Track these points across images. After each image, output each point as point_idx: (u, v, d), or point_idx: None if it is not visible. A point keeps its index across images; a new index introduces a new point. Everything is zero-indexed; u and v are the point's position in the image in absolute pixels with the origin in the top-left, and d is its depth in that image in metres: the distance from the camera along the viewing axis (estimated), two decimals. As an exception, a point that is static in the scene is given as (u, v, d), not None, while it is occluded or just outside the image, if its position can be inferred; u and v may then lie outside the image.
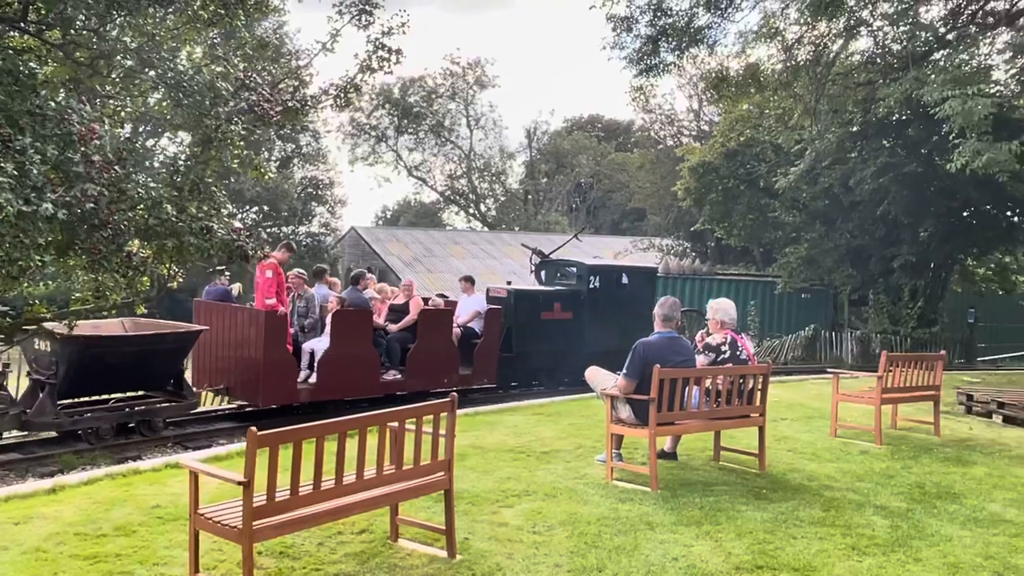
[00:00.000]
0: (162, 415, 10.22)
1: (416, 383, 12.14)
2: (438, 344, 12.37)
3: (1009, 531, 5.85)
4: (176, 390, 10.44)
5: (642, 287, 15.50)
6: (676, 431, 7.15)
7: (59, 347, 9.19)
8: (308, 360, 11.27)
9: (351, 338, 11.24)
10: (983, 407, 11.08)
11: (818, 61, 17.06)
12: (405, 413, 4.74)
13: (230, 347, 11.04)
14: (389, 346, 12.03)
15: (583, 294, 14.90)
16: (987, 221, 21.73)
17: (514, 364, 13.98)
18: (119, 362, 9.63)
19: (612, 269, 16.02)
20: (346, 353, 11.22)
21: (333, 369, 11.15)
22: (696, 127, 40.20)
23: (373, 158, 52.05)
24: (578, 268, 15.51)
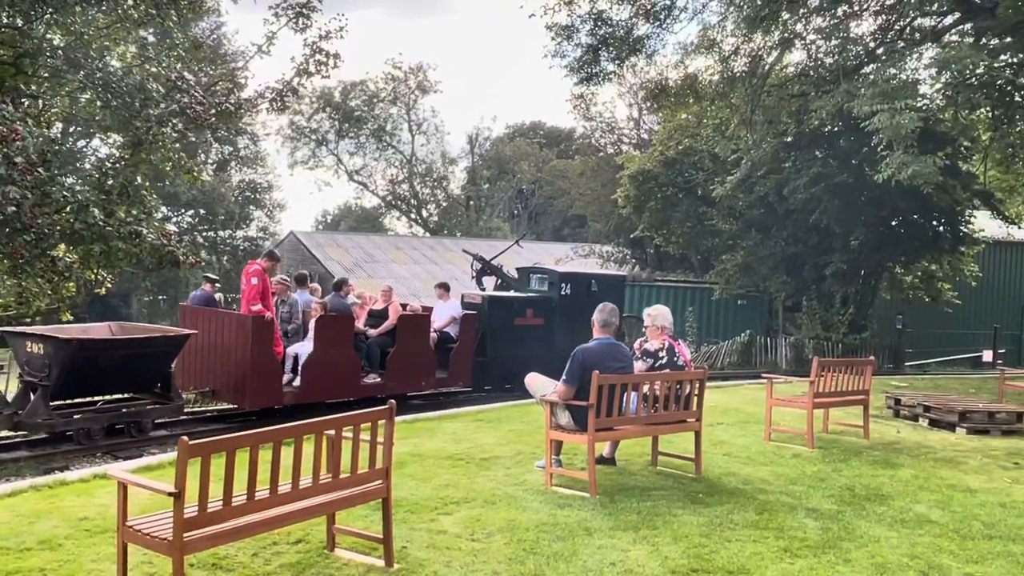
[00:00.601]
0: (151, 416, 10.46)
1: (395, 386, 12.45)
2: (416, 348, 12.75)
3: (933, 531, 6.03)
4: (164, 392, 10.67)
5: (611, 294, 15.80)
6: (615, 436, 7.21)
7: (52, 350, 9.48)
8: (292, 364, 11.59)
9: (334, 342, 11.62)
10: (910, 411, 11.42)
11: (754, 73, 17.46)
12: (342, 421, 4.69)
13: (217, 351, 11.33)
14: (369, 350, 12.39)
15: (555, 301, 15.35)
16: (914, 230, 22.47)
17: (488, 368, 14.27)
18: (110, 365, 9.89)
19: (582, 277, 16.56)
20: (329, 357, 11.57)
21: (316, 372, 11.49)
22: (636, 135, 40.74)
23: (313, 162, 51.56)
24: (550, 276, 16.07)
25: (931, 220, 22.35)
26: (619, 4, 17.02)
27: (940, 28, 16.40)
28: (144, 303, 32.31)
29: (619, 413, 6.79)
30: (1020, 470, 8.46)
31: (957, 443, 9.80)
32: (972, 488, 7.48)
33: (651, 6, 16.93)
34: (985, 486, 7.60)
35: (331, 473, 4.65)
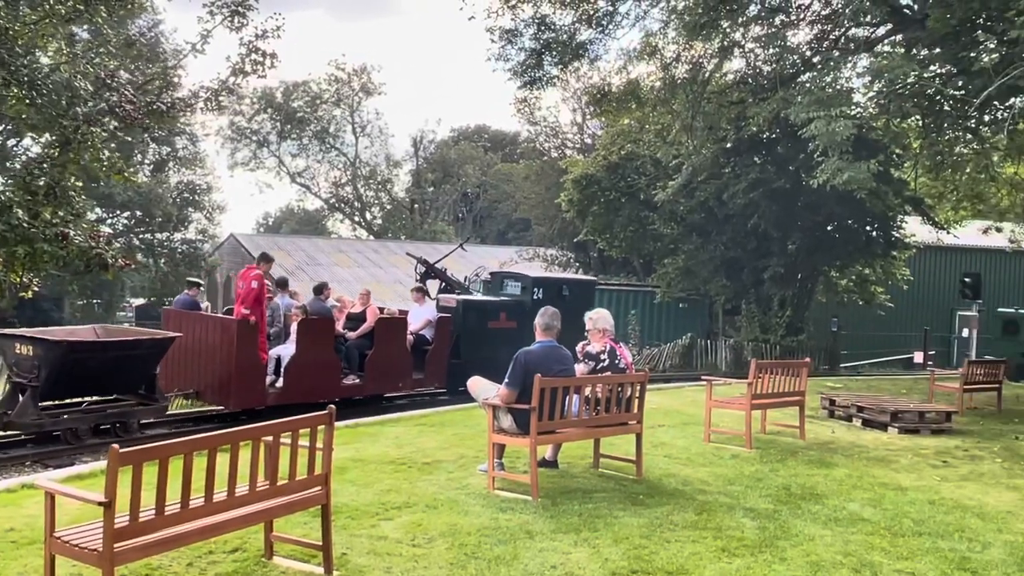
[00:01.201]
0: (136, 417, 10.69)
1: (374, 387, 12.97)
2: (393, 350, 13.11)
3: (866, 529, 6.19)
4: (148, 393, 10.86)
5: (582, 298, 16.34)
6: (557, 439, 7.24)
7: (42, 351, 9.71)
8: (274, 366, 11.92)
9: (315, 345, 11.99)
10: (844, 411, 11.70)
11: (694, 80, 17.70)
12: (280, 427, 4.62)
13: (201, 353, 11.62)
14: (349, 352, 12.74)
15: (527, 304, 15.56)
16: (848, 235, 23.06)
17: (463, 369, 14.26)
18: (97, 366, 10.12)
19: (554, 281, 17.14)
20: (310, 359, 11.93)
21: (298, 374, 11.85)
22: (580, 140, 40.98)
23: (254, 163, 50.79)
24: (523, 280, 16.63)
25: (865, 225, 22.99)
26: (562, 9, 17.12)
27: (873, 39, 16.84)
28: (77, 307, 31.38)
29: (561, 416, 6.82)
30: (949, 468, 8.73)
31: (889, 442, 10.07)
32: (903, 486, 7.69)
33: (594, 12, 17.06)
34: (915, 484, 7.83)
35: (269, 480, 4.58)
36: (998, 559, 5.63)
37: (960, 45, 13.37)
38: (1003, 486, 7.99)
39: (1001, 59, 12.51)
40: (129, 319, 31.85)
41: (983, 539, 6.09)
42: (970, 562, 5.52)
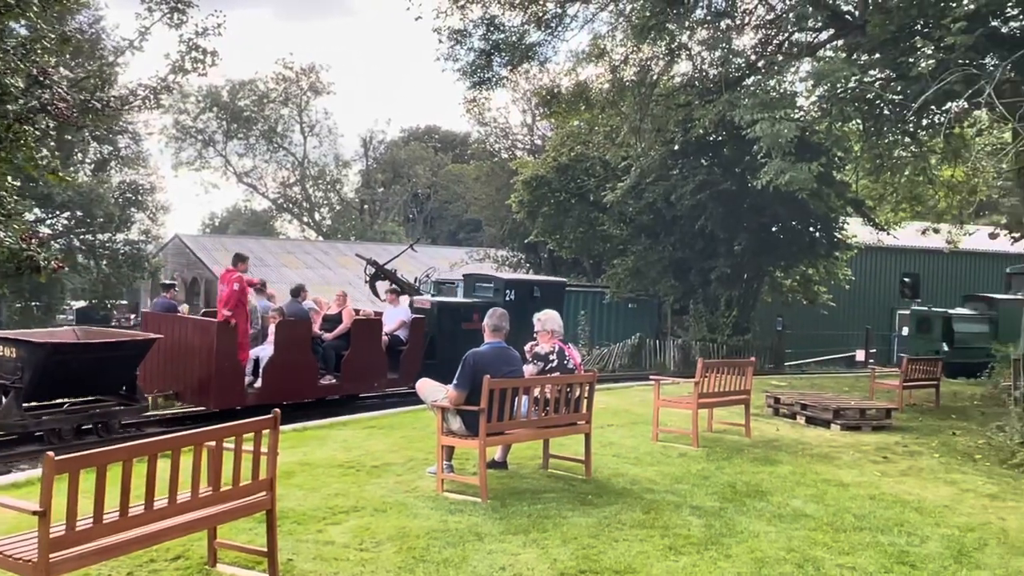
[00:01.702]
0: (118, 417, 10.87)
1: (350, 387, 13.27)
2: (369, 351, 13.37)
3: (809, 525, 6.31)
4: (129, 394, 11.05)
5: (552, 299, 16.81)
6: (506, 440, 7.24)
7: (25, 353, 9.89)
8: (253, 366, 12.16)
9: (292, 346, 12.27)
10: (789, 409, 11.92)
11: (642, 82, 17.87)
12: (223, 432, 4.53)
13: (180, 355, 11.88)
14: (325, 353, 13.00)
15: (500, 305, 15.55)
16: (793, 236, 23.52)
17: (437, 369, 14.46)
18: (80, 368, 10.29)
19: (526, 283, 17.59)
20: (288, 360, 12.20)
21: (277, 375, 12.11)
22: (530, 141, 41.10)
23: (200, 163, 49.98)
24: (495, 282, 17.08)
25: (808, 226, 23.48)
26: (511, 10, 17.15)
27: (816, 43, 17.18)
28: (16, 310, 30.45)
29: (510, 417, 6.82)
30: (889, 464, 8.95)
31: (831, 439, 10.28)
32: (845, 482, 7.86)
33: (543, 14, 17.12)
34: (856, 480, 8.01)
35: (212, 486, 4.50)
36: (935, 552, 5.78)
37: (899, 51, 13.71)
38: (940, 481, 8.22)
39: (938, 65, 12.85)
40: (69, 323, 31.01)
41: (921, 533, 6.25)
42: (909, 556, 5.66)
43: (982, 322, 21.71)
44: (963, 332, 21.09)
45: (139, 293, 36.20)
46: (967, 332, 21.16)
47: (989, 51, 13.13)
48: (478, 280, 17.77)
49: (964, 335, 21.02)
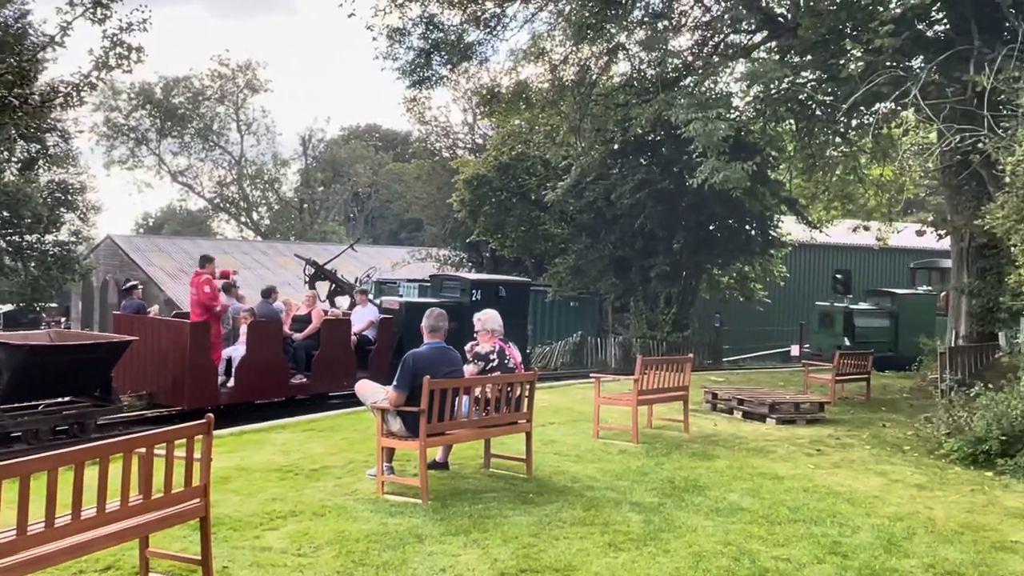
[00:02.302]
0: (93, 418, 10.98)
1: (320, 386, 13.46)
2: (338, 350, 13.65)
3: (745, 519, 6.42)
4: (104, 395, 11.20)
5: (517, 298, 17.69)
6: (447, 441, 7.21)
7: (3, 355, 10.03)
8: (225, 366, 12.41)
9: (264, 346, 12.58)
10: (726, 404, 12.12)
11: (582, 82, 18.00)
12: (154, 438, 4.42)
13: (153, 356, 12.08)
14: (296, 353, 13.29)
15: (466, 305, 16.58)
16: (729, 234, 23.97)
17: None
18: (57, 370, 10.45)
19: (491, 283, 18.16)
20: (260, 360, 12.51)
21: (249, 374, 12.39)
22: (471, 140, 41.04)
23: (132, 162, 48.69)
24: (461, 283, 17.77)
25: (744, 224, 23.95)
26: (450, 9, 17.09)
27: (750, 45, 17.51)
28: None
29: (451, 417, 6.80)
30: (822, 456, 9.17)
31: (767, 433, 10.50)
32: (780, 475, 8.03)
33: (481, 13, 17.11)
34: (791, 473, 8.18)
35: (143, 494, 4.38)
36: (866, 542, 5.94)
37: (829, 53, 14.07)
38: (871, 472, 8.45)
39: (866, 67, 13.21)
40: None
41: (853, 523, 6.41)
42: (841, 546, 5.81)
43: (883, 316, 22.23)
44: (864, 327, 21.58)
45: (70, 296, 35.13)
46: (868, 327, 21.66)
47: (915, 54, 13.57)
48: (445, 280, 18.44)
49: (865, 329, 21.50)
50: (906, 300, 22.62)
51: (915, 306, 22.58)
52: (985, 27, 12.62)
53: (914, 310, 22.43)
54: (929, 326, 22.31)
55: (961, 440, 9.12)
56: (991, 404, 9.06)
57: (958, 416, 9.55)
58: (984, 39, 12.30)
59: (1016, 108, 9.81)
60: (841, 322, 21.50)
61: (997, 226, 9.64)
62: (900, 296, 22.79)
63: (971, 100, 11.57)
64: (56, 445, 9.74)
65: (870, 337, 21.03)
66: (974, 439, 8.95)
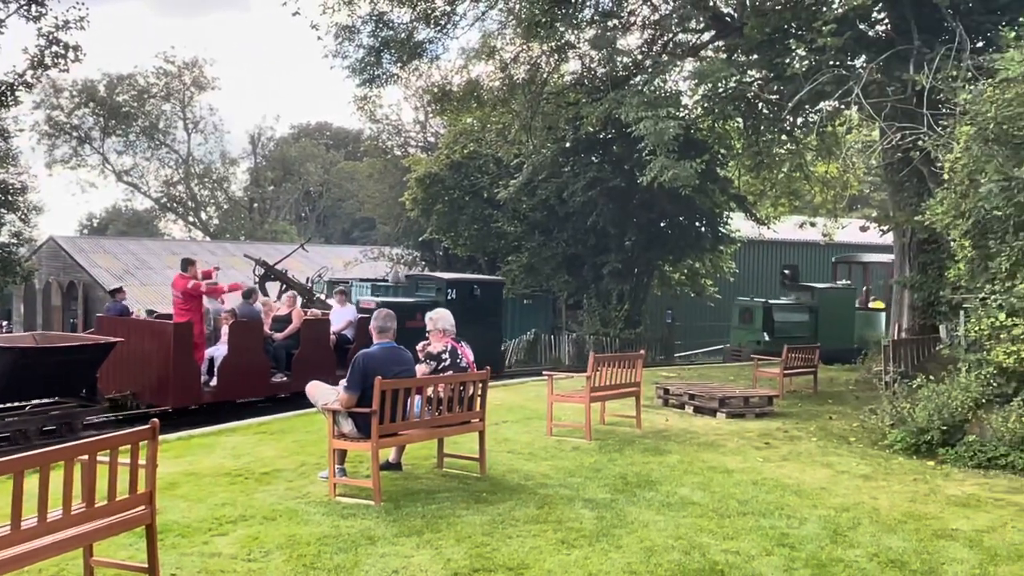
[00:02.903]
0: (80, 418, 11.25)
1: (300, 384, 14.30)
2: (318, 350, 13.81)
3: (695, 512, 6.51)
4: (89, 396, 11.47)
5: (491, 297, 18.19)
6: (399, 442, 7.18)
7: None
8: (207, 366, 12.67)
9: (245, 346, 12.80)
10: (677, 399, 12.26)
11: (533, 80, 18.06)
12: (96, 445, 4.33)
13: (137, 357, 12.28)
14: (276, 352, 13.50)
15: (441, 304, 16.87)
16: (680, 231, 24.25)
17: None
18: (45, 371, 10.70)
19: (466, 282, 18.54)
20: (241, 359, 12.73)
21: (230, 373, 12.63)
22: (423, 138, 40.86)
23: (75, 161, 47.43)
24: (437, 282, 18.14)
25: (694, 221, 24.26)
26: (400, 7, 17.00)
27: (698, 44, 17.74)
28: None
29: (403, 417, 6.77)
30: (770, 449, 9.33)
31: (718, 427, 10.65)
32: (730, 469, 8.15)
33: (431, 11, 17.05)
34: (740, 466, 8.31)
35: (86, 502, 4.29)
36: (813, 533, 6.06)
37: (775, 52, 14.31)
38: (818, 464, 8.62)
39: (810, 66, 13.48)
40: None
41: (800, 515, 6.54)
42: (788, 538, 5.91)
43: (803, 311, 22.09)
44: (783, 321, 21.45)
45: (11, 299, 34.17)
46: (788, 321, 21.57)
47: (857, 53, 13.87)
48: (421, 280, 18.94)
49: (784, 324, 21.35)
50: (826, 294, 22.52)
51: (835, 300, 22.50)
52: (924, 27, 12.95)
53: (834, 304, 22.33)
54: (848, 321, 22.31)
55: (904, 431, 9.35)
56: (932, 395, 9.31)
57: (901, 407, 9.79)
58: (923, 39, 12.62)
59: (954, 107, 10.07)
60: (760, 317, 21.37)
61: (937, 221, 9.90)
62: (820, 290, 22.69)
63: (911, 99, 11.87)
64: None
65: (789, 332, 20.87)
66: (916, 430, 9.18)
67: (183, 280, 12.48)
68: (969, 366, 9.43)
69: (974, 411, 8.99)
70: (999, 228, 8.86)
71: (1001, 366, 8.76)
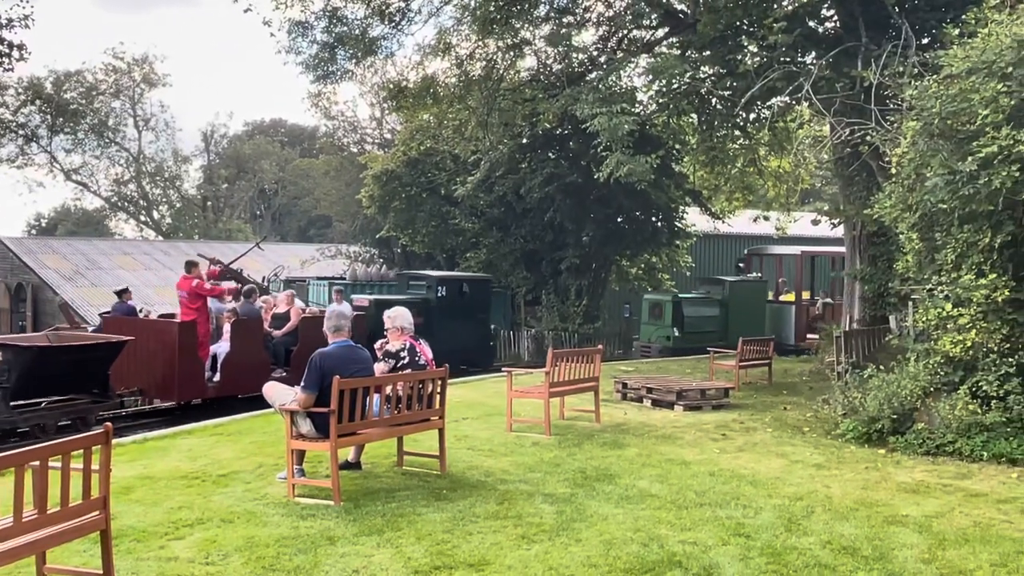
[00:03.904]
0: (93, 413, 11.83)
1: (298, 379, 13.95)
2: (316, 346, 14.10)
3: (654, 504, 6.59)
4: (102, 392, 11.96)
5: (480, 294, 19.06)
6: (358, 441, 7.16)
7: (12, 356, 10.90)
8: (211, 362, 13.18)
9: (247, 343, 13.30)
10: (636, 393, 12.37)
11: (489, 77, 18.03)
12: (47, 450, 4.25)
13: (144, 354, 12.74)
14: (275, 349, 13.93)
15: (432, 301, 18.11)
16: (637, 226, 24.45)
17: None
18: (61, 369, 11.23)
19: (456, 280, 19.45)
20: (243, 356, 13.20)
21: (233, 369, 13.10)
22: (379, 135, 40.59)
23: (22, 160, 46.18)
24: (427, 280, 19.09)
25: (651, 216, 24.47)
26: (354, 2, 16.88)
27: (652, 40, 17.88)
28: None
29: (362, 417, 6.75)
30: (727, 440, 9.47)
31: (675, 420, 10.77)
32: (687, 460, 8.26)
33: (386, 7, 16.95)
34: (697, 458, 8.43)
35: (37, 509, 4.21)
36: (768, 522, 6.17)
37: (727, 48, 14.49)
38: (773, 454, 8.77)
39: (762, 62, 13.67)
40: None
41: (756, 505, 6.65)
42: (744, 527, 6.02)
43: (712, 305, 21.71)
44: (693, 316, 21.09)
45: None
46: (697, 316, 21.20)
47: (807, 50, 14.09)
48: (412, 278, 19.72)
49: (694, 319, 21.04)
50: (736, 288, 22.10)
51: (746, 294, 22.10)
52: (872, 25, 13.20)
53: (745, 298, 21.94)
54: (760, 315, 21.94)
55: (856, 420, 9.56)
56: (882, 385, 9.52)
57: (853, 397, 10.00)
58: (871, 36, 12.87)
59: (900, 102, 10.30)
60: (670, 312, 20.87)
61: (885, 215, 10.11)
62: (730, 284, 22.31)
63: (859, 95, 12.09)
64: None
65: (699, 327, 20.66)
66: (867, 419, 9.39)
67: (187, 281, 12.91)
68: (917, 356, 9.66)
69: (923, 400, 9.21)
70: (944, 221, 9.08)
71: (948, 355, 8.98)
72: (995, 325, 8.57)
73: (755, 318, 21.49)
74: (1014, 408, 8.47)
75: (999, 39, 8.72)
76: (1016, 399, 8.45)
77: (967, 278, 8.65)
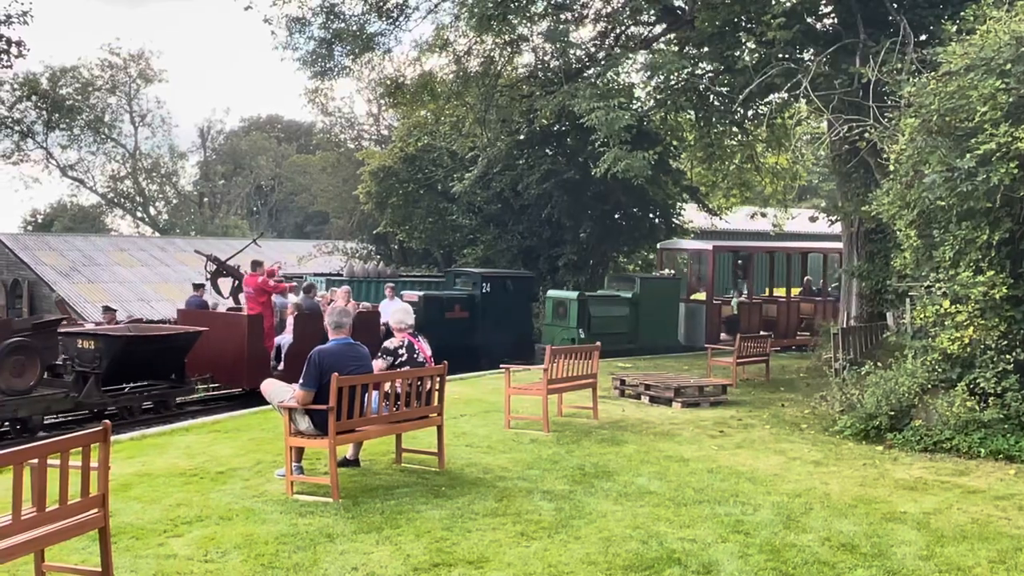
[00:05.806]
0: (173, 397, 13.14)
1: None
2: (369, 338, 15.05)
3: (653, 501, 6.59)
4: (178, 378, 13.20)
5: (523, 291, 19.65)
6: (357, 438, 7.15)
7: (103, 345, 12.08)
8: (276, 352, 14.15)
9: (308, 335, 13.63)
10: (634, 390, 12.36)
11: (487, 73, 18.02)
12: (46, 448, 4.24)
13: (216, 344, 13.68)
14: None
15: (477, 297, 18.85)
16: (634, 222, 24.46)
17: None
18: (144, 357, 12.62)
19: (500, 276, 19.99)
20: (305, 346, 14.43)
21: (296, 359, 13.05)
22: (376, 131, 40.55)
23: (18, 156, 46.06)
24: (472, 277, 19.69)
25: (648, 212, 24.49)
26: (352, -1, 16.86)
27: (650, 37, 17.88)
28: None
29: (360, 414, 6.74)
30: (725, 437, 9.48)
31: (673, 417, 10.78)
32: (685, 457, 8.26)
33: (383, 3, 16.92)
34: (696, 455, 8.43)
35: (36, 506, 4.20)
36: (767, 519, 6.18)
37: (725, 44, 14.48)
38: (771, 451, 8.78)
39: (760, 59, 13.66)
40: None
41: (754, 502, 6.66)
42: (743, 524, 6.02)
43: (622, 304, 20.23)
44: (601, 316, 19.47)
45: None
46: (605, 316, 19.63)
47: (806, 46, 14.11)
48: (458, 275, 20.35)
49: (602, 319, 19.42)
50: (647, 286, 20.69)
51: (657, 292, 20.72)
52: (870, 21, 13.20)
53: (656, 296, 20.59)
54: (672, 314, 20.82)
55: (853, 417, 9.56)
56: (880, 382, 9.53)
57: (850, 394, 10.00)
58: (869, 33, 12.87)
59: (899, 99, 10.29)
60: (575, 312, 18.90)
61: (883, 211, 10.10)
62: (641, 281, 20.90)
63: (857, 91, 12.09)
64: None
65: (607, 328, 19.06)
66: (865, 415, 9.39)
67: (253, 278, 14.03)
68: (915, 352, 9.67)
69: (920, 396, 9.22)
70: (943, 218, 9.08)
71: (946, 352, 8.99)
72: (993, 322, 8.58)
73: (668, 318, 20.41)
74: (1012, 405, 8.49)
75: (997, 36, 8.71)
76: (1014, 396, 8.47)
77: (965, 275, 8.65)
